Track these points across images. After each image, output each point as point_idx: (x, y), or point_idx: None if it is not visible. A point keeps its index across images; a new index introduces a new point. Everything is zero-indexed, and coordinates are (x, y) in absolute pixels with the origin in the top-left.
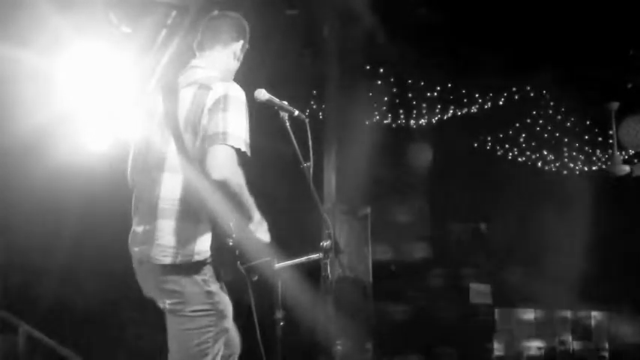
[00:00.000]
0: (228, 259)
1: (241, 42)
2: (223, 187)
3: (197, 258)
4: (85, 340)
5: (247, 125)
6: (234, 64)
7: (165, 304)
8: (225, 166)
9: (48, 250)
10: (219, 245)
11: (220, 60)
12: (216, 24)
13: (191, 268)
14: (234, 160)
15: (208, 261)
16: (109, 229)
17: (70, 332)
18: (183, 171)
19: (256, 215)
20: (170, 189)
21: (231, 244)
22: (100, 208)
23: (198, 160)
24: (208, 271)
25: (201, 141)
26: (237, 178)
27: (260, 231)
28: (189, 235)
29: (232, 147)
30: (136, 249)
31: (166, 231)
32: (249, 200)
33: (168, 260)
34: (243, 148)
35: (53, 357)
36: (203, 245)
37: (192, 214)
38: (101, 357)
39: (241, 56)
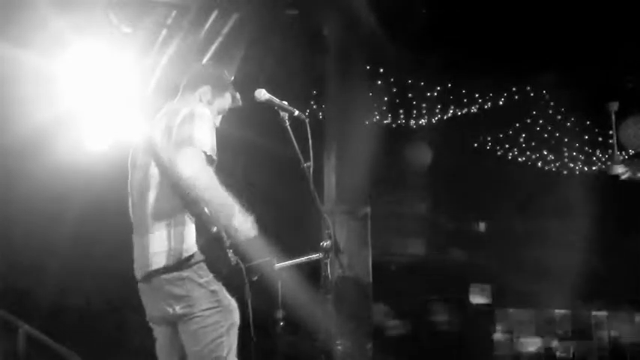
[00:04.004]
0: (216, 248)
1: (206, 87)
2: (195, 183)
3: (185, 254)
4: (85, 340)
5: (213, 135)
6: (207, 106)
7: (175, 310)
8: (193, 163)
9: (48, 250)
10: (205, 237)
11: (192, 101)
12: (191, 71)
13: (184, 265)
14: (202, 160)
15: (199, 258)
16: (109, 228)
17: (70, 332)
18: (165, 184)
19: (238, 213)
20: (156, 204)
21: (214, 230)
22: (100, 208)
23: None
24: (207, 273)
25: (172, 150)
26: (206, 175)
27: (245, 227)
28: (177, 237)
29: (198, 149)
30: (136, 266)
31: (157, 240)
32: (227, 199)
33: (162, 263)
34: (209, 152)
35: (53, 357)
36: (190, 241)
37: (178, 220)
38: (101, 357)
39: (213, 100)
